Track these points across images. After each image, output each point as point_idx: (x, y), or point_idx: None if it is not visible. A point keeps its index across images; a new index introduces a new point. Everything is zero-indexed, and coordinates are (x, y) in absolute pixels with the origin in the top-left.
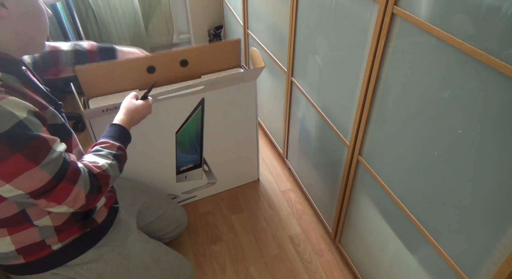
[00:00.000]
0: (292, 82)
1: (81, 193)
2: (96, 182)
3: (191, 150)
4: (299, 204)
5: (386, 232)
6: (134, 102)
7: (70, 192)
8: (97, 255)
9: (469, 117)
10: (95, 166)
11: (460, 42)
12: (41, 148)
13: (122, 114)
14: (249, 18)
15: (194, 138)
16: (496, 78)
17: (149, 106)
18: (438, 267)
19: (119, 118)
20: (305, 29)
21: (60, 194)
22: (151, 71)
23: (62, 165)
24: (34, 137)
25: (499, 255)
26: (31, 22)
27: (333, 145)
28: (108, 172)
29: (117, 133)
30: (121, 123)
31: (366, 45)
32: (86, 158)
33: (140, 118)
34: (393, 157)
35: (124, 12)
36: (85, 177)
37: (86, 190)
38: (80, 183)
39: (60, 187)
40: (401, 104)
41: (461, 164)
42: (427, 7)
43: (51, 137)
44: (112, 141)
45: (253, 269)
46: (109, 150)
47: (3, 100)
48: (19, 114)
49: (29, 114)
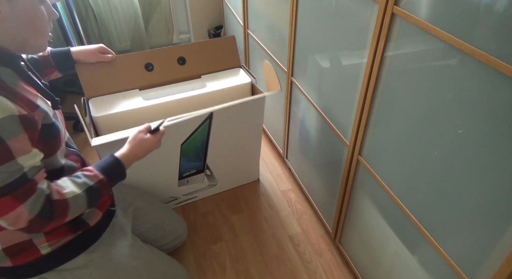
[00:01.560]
0: (292, 82)
1: (24, 214)
2: (50, 209)
3: (195, 158)
4: (299, 204)
5: (386, 232)
6: (142, 137)
7: (12, 209)
8: (87, 261)
9: (469, 117)
10: (58, 191)
11: (460, 42)
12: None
13: (126, 149)
14: (249, 18)
15: (199, 148)
16: (496, 78)
17: (159, 141)
18: (438, 267)
19: (120, 152)
20: (305, 29)
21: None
22: (149, 69)
23: (17, 180)
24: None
25: (499, 255)
26: (25, 25)
27: (333, 145)
28: (69, 202)
29: (109, 166)
30: (120, 157)
31: (366, 45)
32: (59, 180)
33: (145, 154)
34: (393, 157)
35: (124, 12)
36: (38, 199)
37: (32, 213)
38: (28, 203)
39: (2, 200)
40: (401, 104)
41: (461, 164)
42: (427, 7)
43: (21, 148)
44: (97, 172)
45: (253, 269)
46: (88, 180)
47: None
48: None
49: (7, 119)
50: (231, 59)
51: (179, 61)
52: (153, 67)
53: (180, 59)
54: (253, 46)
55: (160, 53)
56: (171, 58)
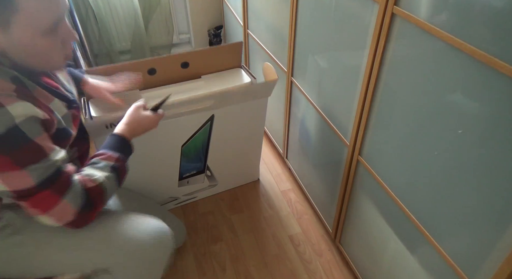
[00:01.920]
0: (292, 82)
1: (68, 207)
2: (89, 198)
3: (195, 159)
4: (299, 204)
5: (386, 232)
6: (140, 112)
7: (54, 203)
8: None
9: (469, 117)
10: (89, 180)
11: (460, 42)
12: (32, 154)
13: (124, 124)
14: (249, 18)
15: (200, 149)
16: (496, 78)
17: (157, 120)
18: (438, 267)
19: (120, 128)
20: (305, 29)
21: (41, 202)
22: (152, 73)
23: (52, 174)
24: (27, 143)
25: (499, 255)
26: (27, 56)
27: (333, 145)
28: (104, 186)
29: (117, 144)
30: (122, 133)
31: (366, 45)
32: (83, 172)
33: (143, 131)
34: (393, 157)
35: (124, 12)
36: (75, 190)
37: (75, 206)
38: (68, 196)
39: (42, 195)
40: (401, 104)
41: (461, 164)
42: (427, 7)
43: (48, 146)
44: (110, 152)
45: (253, 269)
46: (107, 162)
47: (10, 105)
48: (17, 119)
49: (31, 120)
50: (233, 61)
51: (182, 65)
52: (155, 72)
53: (183, 64)
54: (253, 46)
55: (164, 60)
56: (175, 64)
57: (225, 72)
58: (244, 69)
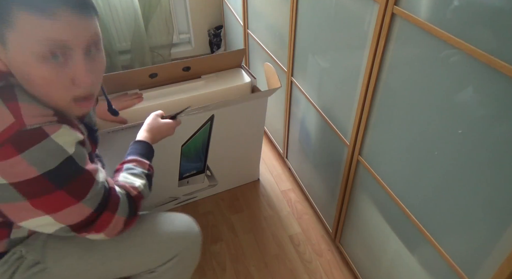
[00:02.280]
0: (292, 82)
1: (120, 221)
2: (134, 205)
3: (195, 159)
4: (299, 204)
5: (386, 232)
6: (159, 120)
7: (111, 221)
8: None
9: (469, 117)
10: (132, 188)
11: (460, 42)
12: (85, 183)
13: (146, 131)
14: (249, 18)
15: (200, 149)
16: (496, 78)
17: (174, 127)
18: (438, 267)
19: (143, 135)
20: (305, 29)
21: (101, 224)
22: (153, 76)
23: (104, 196)
24: (81, 173)
25: (499, 255)
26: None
27: (333, 145)
28: (143, 193)
29: (144, 151)
30: (146, 140)
31: (366, 45)
32: (121, 178)
33: (161, 138)
34: (393, 157)
35: (124, 12)
36: (124, 202)
37: (125, 216)
38: (120, 210)
39: (102, 218)
40: (401, 104)
41: (461, 164)
42: (427, 7)
43: (94, 168)
44: (142, 159)
45: (253, 269)
46: (142, 169)
47: (55, 134)
48: (68, 149)
49: (78, 145)
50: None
51: (184, 69)
52: (156, 75)
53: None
54: (253, 46)
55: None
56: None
57: (225, 72)
58: (244, 69)
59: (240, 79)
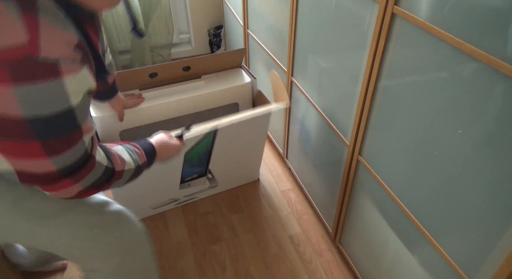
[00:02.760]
0: (292, 82)
1: (76, 189)
2: (105, 181)
3: (197, 164)
4: (299, 204)
5: (386, 232)
6: (170, 140)
7: (67, 187)
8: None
9: (469, 117)
10: (121, 161)
11: (460, 42)
12: (68, 142)
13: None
14: (249, 18)
15: (203, 156)
16: (496, 78)
17: (180, 148)
18: (438, 267)
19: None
20: (305, 29)
21: (55, 186)
22: (153, 76)
23: (77, 161)
24: (71, 131)
25: (499, 255)
26: None
27: (333, 145)
28: (124, 174)
29: (149, 151)
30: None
31: (366, 45)
32: (118, 149)
33: (166, 158)
34: (393, 157)
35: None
36: (96, 174)
37: (85, 187)
38: (84, 181)
39: (61, 182)
40: (401, 104)
41: (461, 164)
42: (428, 7)
43: (87, 127)
44: (143, 152)
45: (253, 269)
46: (138, 157)
47: (70, 77)
48: (73, 100)
49: (85, 95)
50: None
51: (184, 69)
52: (157, 75)
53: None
54: (253, 46)
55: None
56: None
57: (225, 72)
58: (244, 69)
59: (240, 79)
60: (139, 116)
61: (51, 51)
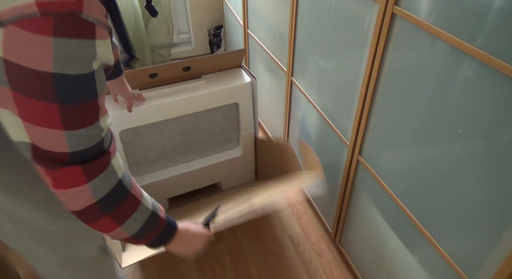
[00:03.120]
0: (292, 82)
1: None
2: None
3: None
4: (299, 204)
5: (386, 232)
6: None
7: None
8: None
9: (469, 117)
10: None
11: (460, 42)
12: (87, 115)
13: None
14: (249, 18)
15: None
16: (496, 78)
17: (206, 238)
18: (438, 267)
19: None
20: (305, 29)
21: (61, 176)
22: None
23: (90, 147)
24: (91, 99)
25: (499, 255)
26: None
27: (333, 145)
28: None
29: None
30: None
31: (366, 45)
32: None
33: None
34: (393, 157)
35: (124, 12)
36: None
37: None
38: (96, 181)
39: (68, 170)
40: (401, 104)
41: (461, 164)
42: (428, 7)
43: (104, 108)
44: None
45: (253, 269)
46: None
47: (100, 40)
48: (95, 64)
49: (102, 67)
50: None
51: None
52: (157, 75)
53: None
54: (253, 46)
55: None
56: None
57: (225, 72)
58: (244, 69)
59: (240, 79)
60: (139, 116)
61: (92, 12)
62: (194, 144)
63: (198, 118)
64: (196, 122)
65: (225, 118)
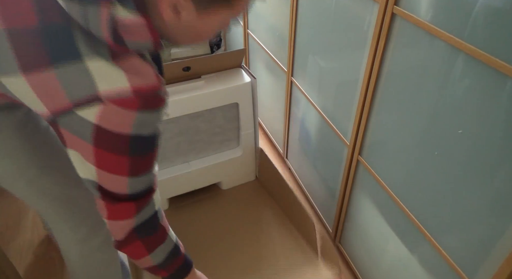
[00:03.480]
0: (292, 82)
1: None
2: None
3: None
4: None
5: (386, 232)
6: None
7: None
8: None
9: (469, 117)
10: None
11: (460, 42)
12: (147, 163)
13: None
14: (249, 18)
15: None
16: (496, 78)
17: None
18: (438, 267)
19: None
20: (305, 29)
21: (117, 210)
22: None
23: (145, 188)
24: (154, 150)
25: (499, 255)
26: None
27: (333, 145)
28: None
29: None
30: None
31: (366, 45)
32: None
33: None
34: (393, 157)
35: None
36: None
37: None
38: (141, 215)
39: (124, 205)
40: (401, 104)
41: (461, 164)
42: (427, 7)
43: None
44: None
45: None
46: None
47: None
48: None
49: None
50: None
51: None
52: None
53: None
54: (253, 46)
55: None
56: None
57: (225, 72)
58: (244, 69)
59: (240, 79)
60: None
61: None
62: (194, 144)
63: (198, 118)
64: (196, 122)
65: (225, 118)
